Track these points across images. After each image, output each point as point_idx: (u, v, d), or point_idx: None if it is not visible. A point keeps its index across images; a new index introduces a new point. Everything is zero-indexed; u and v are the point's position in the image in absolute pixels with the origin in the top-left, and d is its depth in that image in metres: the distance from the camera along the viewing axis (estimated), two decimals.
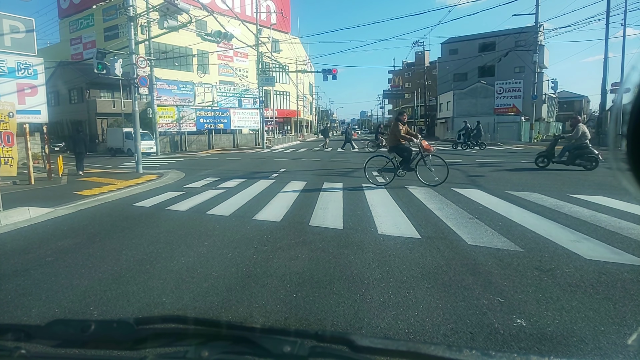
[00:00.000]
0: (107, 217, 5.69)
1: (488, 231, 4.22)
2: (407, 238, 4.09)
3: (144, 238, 4.42)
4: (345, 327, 2.26)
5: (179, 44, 28.93)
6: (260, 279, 3.05)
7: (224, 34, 14.25)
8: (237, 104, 31.01)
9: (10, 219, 5.48)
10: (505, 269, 3.11)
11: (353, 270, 3.18)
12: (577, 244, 3.65)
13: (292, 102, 48.19)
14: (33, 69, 9.30)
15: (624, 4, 18.51)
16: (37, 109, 9.47)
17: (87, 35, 33.27)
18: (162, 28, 12.66)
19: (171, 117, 25.68)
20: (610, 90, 19.40)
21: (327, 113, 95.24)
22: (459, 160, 13.32)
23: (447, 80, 38.58)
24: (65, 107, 30.05)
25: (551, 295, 2.59)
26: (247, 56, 36.10)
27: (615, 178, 0.46)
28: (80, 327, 0.63)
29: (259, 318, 2.41)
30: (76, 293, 2.88)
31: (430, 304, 2.51)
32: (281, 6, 40.04)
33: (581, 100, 50.63)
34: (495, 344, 2.03)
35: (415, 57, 61.72)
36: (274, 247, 3.91)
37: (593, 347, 1.97)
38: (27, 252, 4.00)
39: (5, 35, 8.73)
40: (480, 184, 7.74)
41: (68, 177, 10.98)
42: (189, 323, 0.65)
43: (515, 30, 31.53)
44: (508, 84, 30.41)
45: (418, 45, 40.91)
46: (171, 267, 3.37)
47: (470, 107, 33.90)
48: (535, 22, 24.44)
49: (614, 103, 14.26)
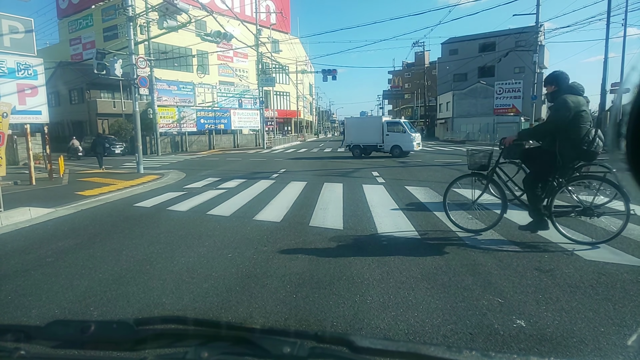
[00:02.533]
0: (108, 218, 5.69)
1: (488, 231, 4.22)
2: (407, 238, 4.09)
3: (144, 238, 4.42)
4: (345, 328, 2.26)
5: (178, 44, 28.94)
6: (260, 279, 3.05)
7: (224, 34, 14.26)
8: (237, 104, 31.04)
9: (11, 219, 5.48)
10: (505, 269, 3.11)
11: (353, 270, 3.18)
12: (577, 245, 3.65)
13: (292, 102, 48.21)
14: (33, 69, 9.31)
15: (625, 4, 18.51)
16: (37, 109, 9.48)
17: (87, 35, 33.28)
18: (161, 28, 12.65)
19: (172, 118, 25.70)
20: (609, 91, 19.39)
21: (327, 113, 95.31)
22: (459, 161, 13.33)
23: (447, 81, 38.60)
24: (66, 108, 30.07)
25: (551, 296, 2.59)
26: (247, 56, 36.12)
27: (615, 178, 0.46)
28: (80, 328, 0.63)
29: (259, 319, 2.41)
30: (76, 293, 2.88)
31: (430, 305, 2.51)
32: (281, 6, 40.05)
33: None
34: (495, 345, 2.03)
35: (415, 57, 61.79)
36: (274, 247, 3.91)
37: (593, 348, 1.97)
38: (27, 253, 4.00)
39: (5, 35, 8.73)
40: None
41: (69, 177, 10.98)
42: (189, 324, 0.65)
43: (516, 30, 31.55)
44: (508, 84, 30.42)
45: (418, 46, 40.96)
46: (171, 268, 3.37)
47: (470, 108, 33.94)
48: (535, 22, 24.41)
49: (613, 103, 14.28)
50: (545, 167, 3.64)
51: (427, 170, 10.69)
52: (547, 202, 3.67)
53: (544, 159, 3.64)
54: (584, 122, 3.45)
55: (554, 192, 3.65)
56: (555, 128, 3.53)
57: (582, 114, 3.45)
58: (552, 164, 3.56)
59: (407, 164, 12.93)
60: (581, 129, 3.44)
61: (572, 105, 3.42)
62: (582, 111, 3.45)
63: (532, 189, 3.73)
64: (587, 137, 3.43)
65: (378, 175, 9.51)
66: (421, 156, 16.10)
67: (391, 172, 10.52)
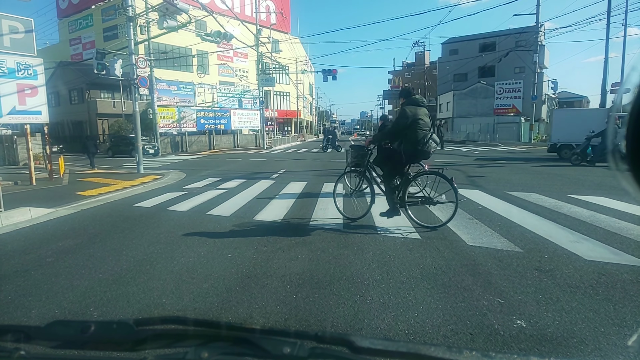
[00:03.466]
0: (108, 218, 5.69)
1: (488, 232, 4.22)
2: (407, 238, 4.09)
3: (144, 238, 4.42)
4: (345, 328, 2.26)
5: (178, 44, 28.94)
6: (260, 279, 3.05)
7: (224, 34, 14.26)
8: (238, 104, 31.04)
9: (11, 219, 5.48)
10: (505, 269, 3.11)
11: (353, 270, 3.18)
12: (577, 245, 3.65)
13: (292, 102, 48.22)
14: (33, 69, 9.30)
15: (625, 4, 18.51)
16: (37, 109, 9.46)
17: (87, 35, 33.29)
18: (161, 28, 12.66)
19: (172, 118, 25.70)
20: (610, 91, 19.39)
21: (327, 113, 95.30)
22: (459, 161, 13.33)
23: (447, 81, 38.58)
24: (66, 108, 30.06)
25: (551, 296, 2.59)
26: (247, 56, 36.12)
27: (615, 178, 0.46)
28: (80, 328, 0.63)
29: (259, 319, 2.41)
30: (76, 294, 2.88)
31: (430, 305, 2.51)
32: (281, 6, 40.06)
33: (581, 100, 50.59)
34: (495, 345, 2.03)
35: (415, 57, 61.76)
36: (274, 247, 3.91)
37: (593, 348, 1.97)
38: (27, 253, 4.00)
39: (5, 35, 8.72)
40: (480, 184, 7.73)
41: (69, 177, 10.98)
42: (189, 324, 0.65)
43: (516, 30, 31.55)
44: (508, 84, 30.41)
45: (418, 46, 40.96)
46: (171, 268, 3.37)
47: (470, 108, 33.92)
48: (536, 22, 24.43)
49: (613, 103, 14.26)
50: (396, 164, 4.43)
51: None
52: (401, 194, 4.47)
53: (395, 158, 4.41)
54: (420, 127, 4.26)
55: (405, 185, 4.45)
56: (397, 131, 4.38)
57: (419, 121, 4.26)
58: (399, 161, 4.38)
59: None
60: (418, 133, 4.25)
61: (409, 114, 4.27)
62: (419, 119, 4.27)
63: (388, 183, 4.51)
64: (423, 140, 4.25)
65: None
66: None
67: None
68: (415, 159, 4.41)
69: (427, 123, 4.32)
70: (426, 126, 4.30)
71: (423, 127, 4.27)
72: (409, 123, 4.23)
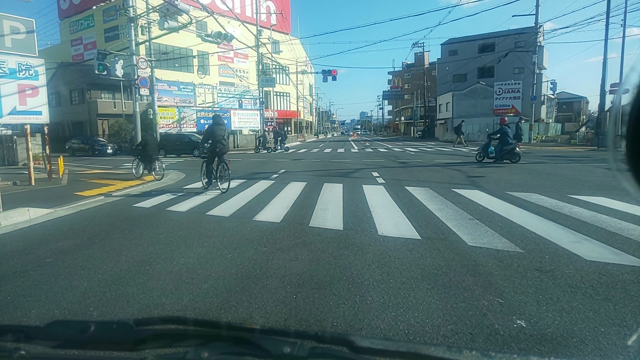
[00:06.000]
0: (107, 218, 5.69)
1: (488, 232, 4.22)
2: (407, 239, 4.09)
3: (143, 239, 4.41)
4: (345, 328, 2.26)
5: (179, 44, 28.96)
6: (260, 280, 3.05)
7: (224, 35, 14.27)
8: (238, 105, 31.06)
9: (10, 219, 5.48)
10: (505, 269, 3.10)
11: (353, 271, 3.18)
12: (578, 245, 3.65)
13: (292, 103, 48.22)
14: (34, 69, 9.29)
15: (624, 4, 18.52)
16: (38, 109, 9.45)
17: (88, 36, 33.31)
18: (162, 29, 12.68)
19: (172, 118, 25.72)
20: (609, 91, 19.40)
21: (327, 114, 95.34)
22: (459, 161, 13.33)
23: (447, 81, 38.61)
24: (67, 108, 30.06)
25: (551, 296, 2.58)
26: (247, 57, 36.15)
27: (615, 179, 0.46)
28: (80, 328, 0.63)
29: (259, 319, 2.41)
30: (76, 294, 2.87)
31: (430, 305, 2.50)
32: (281, 7, 40.07)
33: (580, 101, 50.62)
34: (496, 345, 2.03)
35: (415, 58, 61.84)
36: (274, 248, 3.91)
37: (593, 348, 1.97)
38: (26, 253, 3.99)
39: (6, 36, 8.72)
40: (480, 184, 7.74)
41: (69, 177, 10.97)
42: (189, 324, 0.65)
43: (515, 31, 31.57)
44: (507, 84, 30.45)
45: (418, 46, 41.06)
46: (171, 268, 3.37)
47: (470, 108, 33.93)
48: (535, 22, 24.45)
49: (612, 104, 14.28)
50: (209, 157, 7.83)
51: (427, 170, 10.68)
52: (215, 174, 7.74)
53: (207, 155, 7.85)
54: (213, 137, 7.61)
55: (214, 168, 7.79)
56: (204, 139, 7.94)
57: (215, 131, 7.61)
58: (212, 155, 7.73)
59: (407, 164, 12.94)
60: (210, 144, 7.68)
61: (209, 129, 7.80)
62: (214, 131, 7.62)
63: (207, 167, 7.82)
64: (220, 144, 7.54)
65: (378, 176, 9.51)
66: (421, 156, 16.10)
67: (391, 172, 10.52)
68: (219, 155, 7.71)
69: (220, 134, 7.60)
70: (218, 137, 7.55)
71: (216, 137, 7.56)
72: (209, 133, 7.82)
